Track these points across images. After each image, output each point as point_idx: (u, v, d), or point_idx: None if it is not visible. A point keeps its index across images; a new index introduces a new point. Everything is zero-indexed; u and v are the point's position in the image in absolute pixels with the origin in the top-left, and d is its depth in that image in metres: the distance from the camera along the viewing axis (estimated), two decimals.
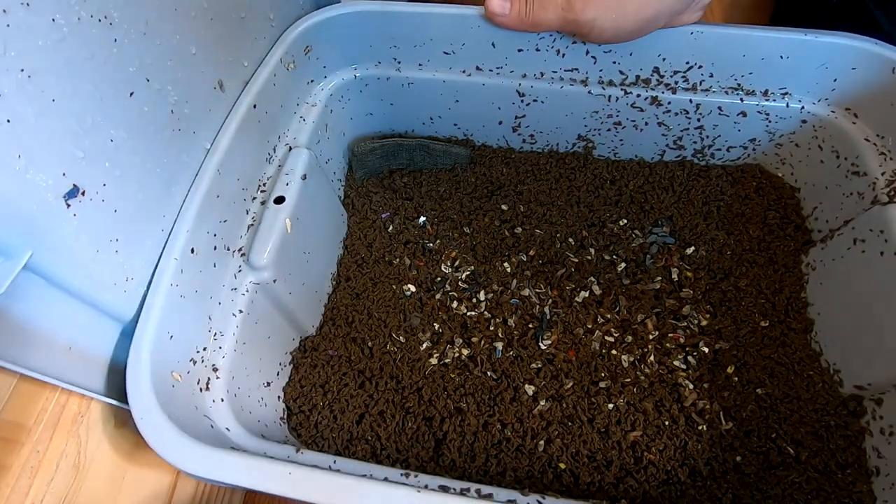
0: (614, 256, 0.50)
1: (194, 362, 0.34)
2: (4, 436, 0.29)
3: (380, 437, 0.41)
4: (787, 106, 0.47)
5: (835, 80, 0.44)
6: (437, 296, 0.48)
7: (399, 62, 0.50)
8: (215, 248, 0.37)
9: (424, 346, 0.45)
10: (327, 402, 0.42)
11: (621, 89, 0.48)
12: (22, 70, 0.24)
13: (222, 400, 0.34)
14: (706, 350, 0.44)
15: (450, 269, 0.49)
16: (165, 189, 0.35)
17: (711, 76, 0.46)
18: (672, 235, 0.50)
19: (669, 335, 0.45)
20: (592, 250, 0.50)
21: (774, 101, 0.47)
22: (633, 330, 0.45)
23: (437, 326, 0.46)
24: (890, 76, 0.41)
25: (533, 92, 0.49)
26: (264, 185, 0.42)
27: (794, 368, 0.43)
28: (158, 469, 0.40)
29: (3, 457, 0.29)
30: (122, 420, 0.36)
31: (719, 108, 0.48)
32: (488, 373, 0.44)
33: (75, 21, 0.27)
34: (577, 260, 0.49)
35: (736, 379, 0.43)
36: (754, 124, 0.49)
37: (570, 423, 0.41)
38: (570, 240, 0.51)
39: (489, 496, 0.28)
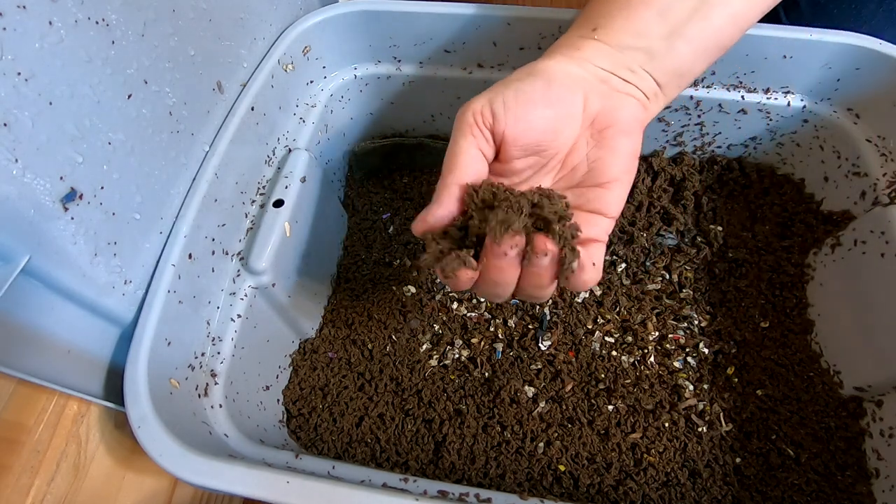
0: (615, 257, 0.50)
1: (192, 368, 0.34)
2: (5, 436, 0.29)
3: (379, 439, 0.41)
4: (789, 105, 0.46)
5: (838, 80, 0.44)
6: (438, 297, 0.48)
7: (399, 61, 0.49)
8: (213, 252, 0.37)
9: (424, 347, 0.45)
10: (327, 405, 0.42)
11: None
12: (19, 73, 0.24)
13: (221, 406, 0.34)
14: (706, 351, 0.44)
15: None
16: (164, 191, 0.34)
17: (713, 73, 0.46)
18: (673, 235, 0.50)
19: (670, 336, 0.45)
20: None
21: (776, 99, 0.47)
22: (634, 331, 0.45)
23: (437, 328, 0.46)
24: (893, 77, 0.41)
25: None
26: (263, 187, 0.42)
27: (794, 370, 0.43)
28: (158, 469, 0.40)
29: (4, 457, 0.29)
30: (122, 421, 0.36)
31: (720, 104, 0.47)
32: (488, 374, 0.44)
33: (72, 24, 0.26)
34: None
35: (736, 380, 0.43)
36: (755, 122, 0.49)
37: (569, 425, 0.41)
38: None
39: (488, 501, 0.28)
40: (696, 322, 0.46)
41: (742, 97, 0.47)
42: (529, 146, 0.29)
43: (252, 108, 0.40)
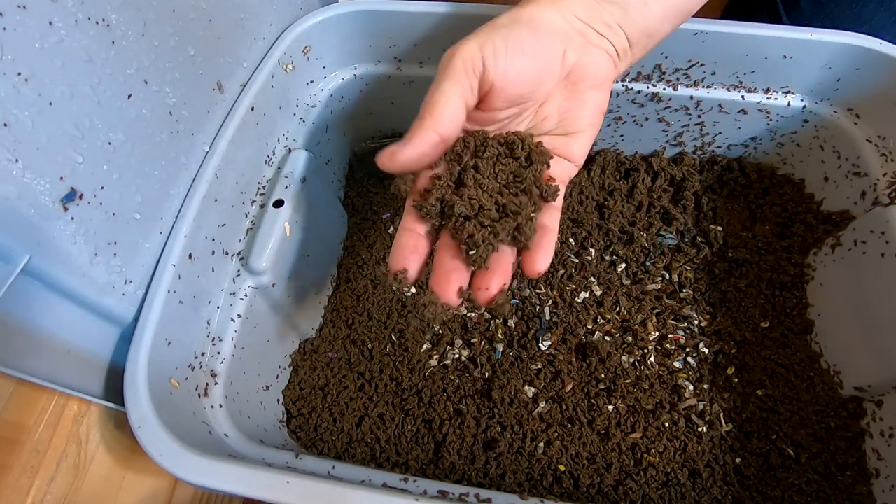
0: (615, 257, 0.50)
1: (193, 368, 0.34)
2: (5, 436, 0.29)
3: (379, 439, 0.41)
4: (789, 105, 0.46)
5: (838, 80, 0.44)
6: None
7: (399, 61, 0.49)
8: (213, 252, 0.36)
9: (424, 347, 0.45)
10: (327, 405, 0.42)
11: (622, 85, 0.48)
12: (19, 73, 0.24)
13: (221, 406, 0.34)
14: (706, 351, 0.44)
15: None
16: (164, 191, 0.34)
17: (713, 74, 0.46)
18: (673, 235, 0.50)
19: (670, 336, 0.45)
20: (593, 251, 0.50)
21: (776, 99, 0.47)
22: (634, 331, 0.45)
23: (437, 328, 0.46)
24: (893, 77, 0.41)
25: None
26: (263, 187, 0.42)
27: (795, 370, 0.43)
28: (158, 469, 0.40)
29: (4, 457, 0.29)
30: (122, 420, 0.36)
31: (720, 104, 0.48)
32: (488, 374, 0.44)
33: (72, 23, 0.26)
34: (577, 260, 0.49)
35: (736, 380, 0.43)
36: (755, 122, 0.49)
37: (569, 426, 0.41)
38: (571, 240, 0.50)
39: (488, 501, 0.28)
40: (696, 322, 0.46)
41: (742, 97, 0.47)
42: (514, 97, 0.30)
43: (252, 108, 0.40)
